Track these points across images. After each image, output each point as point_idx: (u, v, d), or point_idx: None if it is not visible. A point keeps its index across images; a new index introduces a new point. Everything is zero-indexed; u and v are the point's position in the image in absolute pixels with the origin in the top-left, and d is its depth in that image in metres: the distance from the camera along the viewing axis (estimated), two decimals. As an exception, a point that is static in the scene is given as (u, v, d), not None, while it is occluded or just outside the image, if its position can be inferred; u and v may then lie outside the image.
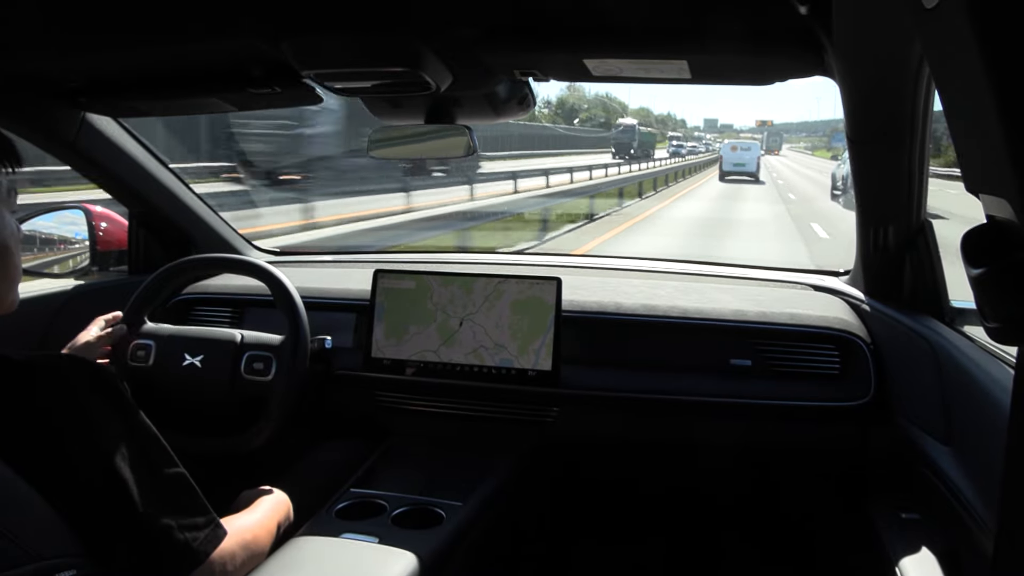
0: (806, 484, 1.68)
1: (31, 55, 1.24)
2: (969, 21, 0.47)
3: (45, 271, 1.84)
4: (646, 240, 11.48)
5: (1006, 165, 0.49)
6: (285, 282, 1.49)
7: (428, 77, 1.16)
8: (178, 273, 1.60)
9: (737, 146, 34.49)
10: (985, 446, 1.01)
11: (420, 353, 1.56)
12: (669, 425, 1.56)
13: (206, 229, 1.95)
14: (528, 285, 1.53)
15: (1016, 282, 0.52)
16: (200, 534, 0.88)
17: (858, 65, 1.10)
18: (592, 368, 1.56)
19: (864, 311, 1.57)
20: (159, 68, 1.33)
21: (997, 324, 0.54)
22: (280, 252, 2.22)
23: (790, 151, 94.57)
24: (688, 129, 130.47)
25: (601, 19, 1.10)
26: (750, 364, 1.52)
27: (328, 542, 1.15)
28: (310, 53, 1.15)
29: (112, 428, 0.84)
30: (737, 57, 1.16)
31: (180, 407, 1.48)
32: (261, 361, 1.47)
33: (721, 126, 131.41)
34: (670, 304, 1.58)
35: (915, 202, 1.35)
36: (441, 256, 2.15)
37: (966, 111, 0.56)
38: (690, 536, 1.84)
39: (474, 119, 1.45)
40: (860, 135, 1.30)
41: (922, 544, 1.16)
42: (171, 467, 0.88)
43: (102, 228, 1.87)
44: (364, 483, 1.38)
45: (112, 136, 1.67)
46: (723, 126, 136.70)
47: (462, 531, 1.24)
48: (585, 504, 1.82)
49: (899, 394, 1.40)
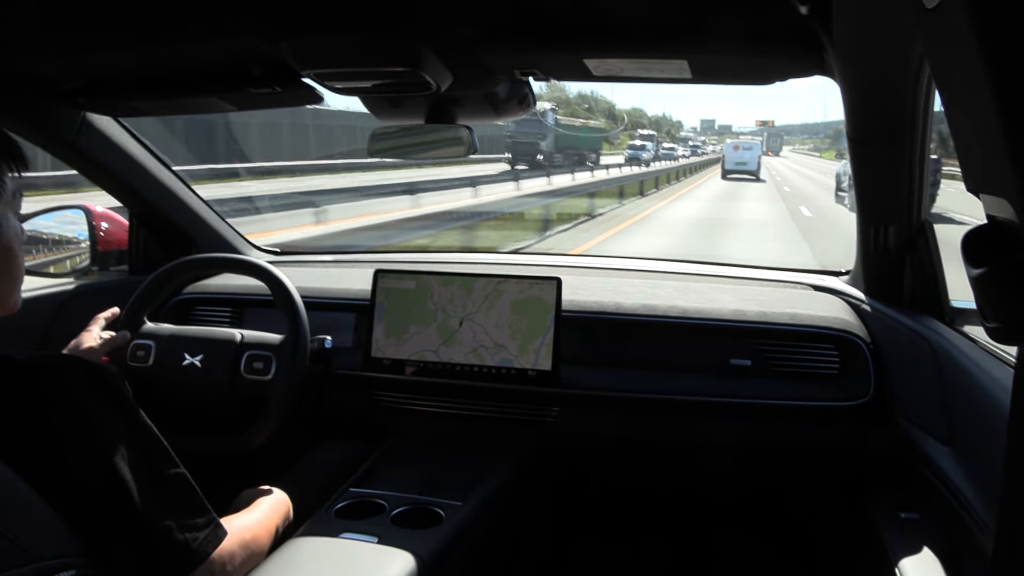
0: (806, 484, 1.68)
1: (31, 55, 1.24)
2: (970, 21, 0.47)
3: (46, 271, 1.84)
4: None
5: (1007, 165, 0.49)
6: (285, 282, 1.49)
7: (428, 77, 1.16)
8: (178, 273, 1.60)
9: (739, 146, 36.20)
10: (985, 446, 1.01)
11: (420, 353, 1.56)
12: (669, 425, 1.56)
13: (206, 229, 1.95)
14: (528, 285, 1.53)
15: (1016, 282, 0.52)
16: (200, 534, 0.88)
17: (858, 65, 1.10)
18: (592, 368, 1.56)
19: (864, 311, 1.57)
20: (159, 68, 1.33)
21: (997, 324, 0.54)
22: (280, 252, 2.22)
23: (792, 153, 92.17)
24: (684, 130, 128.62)
25: (601, 19, 1.10)
26: (750, 364, 1.52)
27: (327, 542, 1.15)
28: (310, 53, 1.15)
29: (113, 428, 0.84)
30: (737, 57, 1.16)
31: (180, 407, 1.48)
32: (261, 361, 1.47)
33: (719, 127, 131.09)
34: (670, 304, 1.58)
35: (915, 202, 1.35)
36: (441, 256, 2.15)
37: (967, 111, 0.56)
38: (690, 536, 1.84)
39: (474, 119, 1.45)
40: (860, 135, 1.30)
41: (922, 544, 1.15)
42: (172, 467, 0.88)
43: (102, 228, 1.87)
44: (363, 483, 1.38)
45: (112, 136, 1.67)
46: (721, 127, 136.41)
47: (461, 531, 1.24)
48: (585, 504, 1.82)
49: (899, 394, 1.40)
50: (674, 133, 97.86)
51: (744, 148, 35.18)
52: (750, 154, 33.74)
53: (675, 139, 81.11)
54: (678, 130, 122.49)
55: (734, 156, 34.17)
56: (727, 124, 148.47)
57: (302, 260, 2.17)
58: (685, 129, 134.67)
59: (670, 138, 79.43)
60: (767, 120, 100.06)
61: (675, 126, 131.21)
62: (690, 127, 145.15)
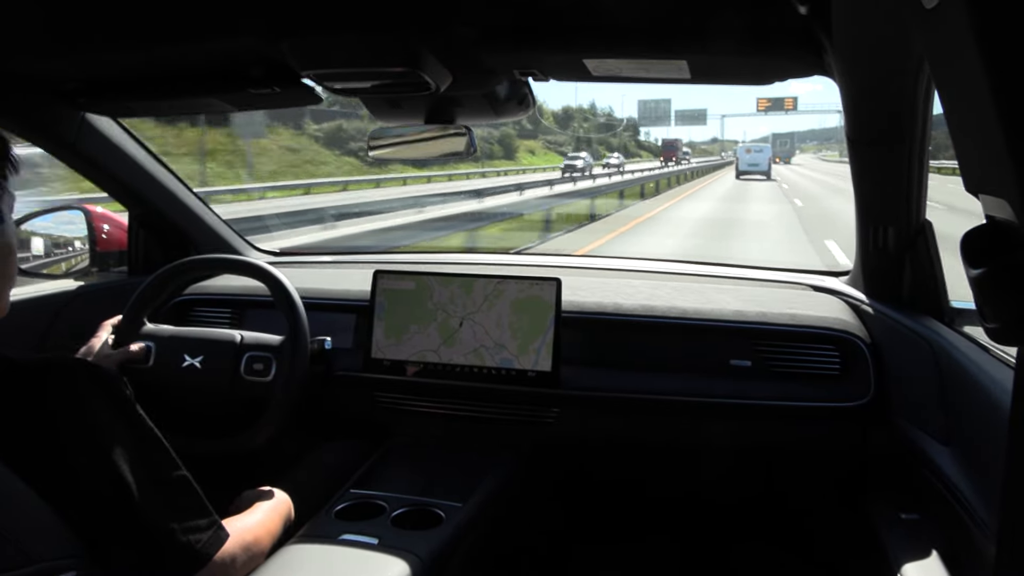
0: (806, 484, 1.68)
1: (31, 55, 1.24)
2: (969, 21, 0.47)
3: (45, 272, 1.84)
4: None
5: (1006, 165, 0.49)
6: (285, 283, 1.49)
7: (428, 77, 1.16)
8: (178, 274, 1.60)
9: (751, 148, 44.45)
10: (985, 447, 1.01)
11: (420, 353, 1.56)
12: (669, 426, 1.56)
13: (206, 230, 1.95)
14: (528, 285, 1.53)
15: (1016, 282, 0.52)
16: (203, 536, 0.88)
17: (858, 65, 1.10)
18: (592, 369, 1.56)
19: (864, 311, 1.56)
20: (158, 68, 1.33)
21: (997, 324, 0.54)
22: (280, 253, 2.22)
23: (814, 159, 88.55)
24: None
25: (601, 19, 1.10)
26: (750, 364, 1.52)
27: (328, 543, 1.15)
28: (309, 53, 1.15)
29: (115, 431, 0.84)
30: (737, 57, 1.16)
31: (180, 408, 1.48)
32: (261, 362, 1.47)
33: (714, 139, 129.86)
34: (670, 305, 1.58)
35: (915, 202, 1.35)
36: (441, 256, 2.15)
37: (966, 111, 0.56)
38: (689, 536, 1.84)
39: (474, 119, 1.45)
40: (860, 135, 1.30)
41: (922, 545, 1.15)
42: (173, 470, 0.89)
43: (102, 229, 1.87)
44: (364, 484, 1.38)
45: (112, 137, 1.67)
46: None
47: (462, 532, 1.24)
48: (585, 505, 1.82)
49: (899, 394, 1.40)
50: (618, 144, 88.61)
51: (756, 151, 42.89)
52: (761, 156, 41.30)
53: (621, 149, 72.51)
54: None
55: (747, 158, 41.40)
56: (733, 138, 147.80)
57: (302, 261, 2.17)
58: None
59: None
60: (769, 101, 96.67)
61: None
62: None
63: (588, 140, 69.89)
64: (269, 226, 9.44)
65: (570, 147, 61.35)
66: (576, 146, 62.91)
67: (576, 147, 61.26)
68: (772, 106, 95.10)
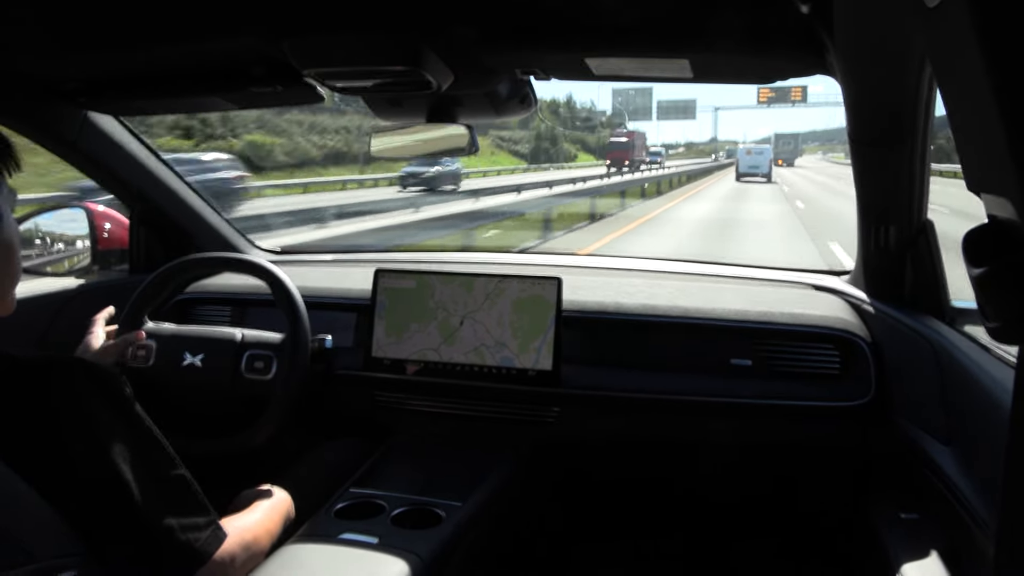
0: (806, 484, 1.68)
1: (32, 55, 1.25)
2: (971, 19, 0.47)
3: (46, 270, 1.84)
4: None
5: (1008, 164, 0.48)
6: (286, 281, 1.49)
7: (429, 76, 1.16)
8: (179, 272, 1.60)
9: (752, 150, 42.24)
10: (986, 446, 1.01)
11: (421, 352, 1.56)
12: (669, 425, 1.56)
13: (207, 228, 1.95)
14: (529, 284, 1.53)
15: (1017, 281, 0.52)
16: (202, 535, 0.88)
17: (859, 64, 1.09)
18: (592, 368, 1.56)
19: (865, 311, 1.56)
20: (160, 67, 1.33)
21: (998, 323, 0.54)
22: (281, 251, 2.22)
23: (823, 162, 76.84)
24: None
25: (603, 18, 1.10)
26: (750, 364, 1.52)
27: (327, 542, 1.15)
28: (311, 53, 1.15)
29: (115, 430, 0.84)
30: (738, 56, 1.16)
31: (180, 406, 1.48)
32: (261, 360, 1.47)
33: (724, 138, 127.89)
34: (671, 304, 1.58)
35: (916, 202, 1.35)
36: (442, 256, 2.15)
37: (968, 110, 0.56)
38: (690, 535, 1.84)
39: (475, 118, 1.45)
40: (861, 134, 1.30)
41: (923, 544, 1.15)
42: (173, 468, 0.89)
43: (103, 227, 1.87)
44: (363, 483, 1.38)
45: (114, 135, 1.67)
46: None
47: (461, 531, 1.23)
48: (585, 504, 1.82)
49: (900, 394, 1.40)
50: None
51: (756, 153, 40.75)
52: (762, 158, 39.22)
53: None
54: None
55: (747, 160, 39.23)
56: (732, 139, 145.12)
57: (303, 259, 2.17)
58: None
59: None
60: (768, 93, 79.91)
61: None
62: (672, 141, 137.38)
63: (552, 137, 59.18)
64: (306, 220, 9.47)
65: (527, 145, 53.27)
66: (536, 144, 54.05)
67: (536, 145, 53.70)
68: (776, 97, 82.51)
